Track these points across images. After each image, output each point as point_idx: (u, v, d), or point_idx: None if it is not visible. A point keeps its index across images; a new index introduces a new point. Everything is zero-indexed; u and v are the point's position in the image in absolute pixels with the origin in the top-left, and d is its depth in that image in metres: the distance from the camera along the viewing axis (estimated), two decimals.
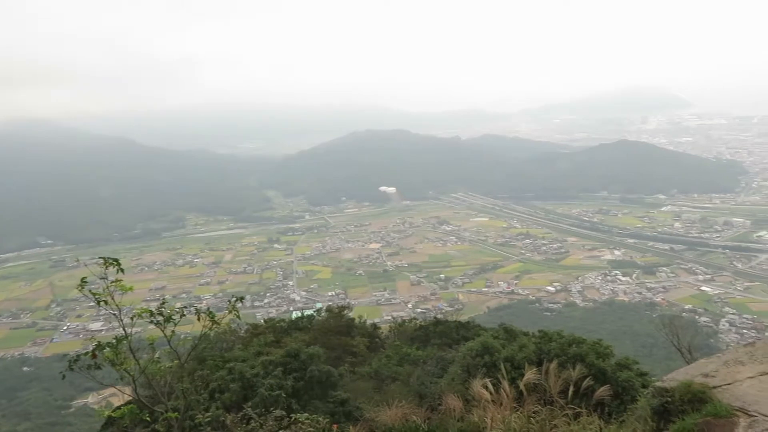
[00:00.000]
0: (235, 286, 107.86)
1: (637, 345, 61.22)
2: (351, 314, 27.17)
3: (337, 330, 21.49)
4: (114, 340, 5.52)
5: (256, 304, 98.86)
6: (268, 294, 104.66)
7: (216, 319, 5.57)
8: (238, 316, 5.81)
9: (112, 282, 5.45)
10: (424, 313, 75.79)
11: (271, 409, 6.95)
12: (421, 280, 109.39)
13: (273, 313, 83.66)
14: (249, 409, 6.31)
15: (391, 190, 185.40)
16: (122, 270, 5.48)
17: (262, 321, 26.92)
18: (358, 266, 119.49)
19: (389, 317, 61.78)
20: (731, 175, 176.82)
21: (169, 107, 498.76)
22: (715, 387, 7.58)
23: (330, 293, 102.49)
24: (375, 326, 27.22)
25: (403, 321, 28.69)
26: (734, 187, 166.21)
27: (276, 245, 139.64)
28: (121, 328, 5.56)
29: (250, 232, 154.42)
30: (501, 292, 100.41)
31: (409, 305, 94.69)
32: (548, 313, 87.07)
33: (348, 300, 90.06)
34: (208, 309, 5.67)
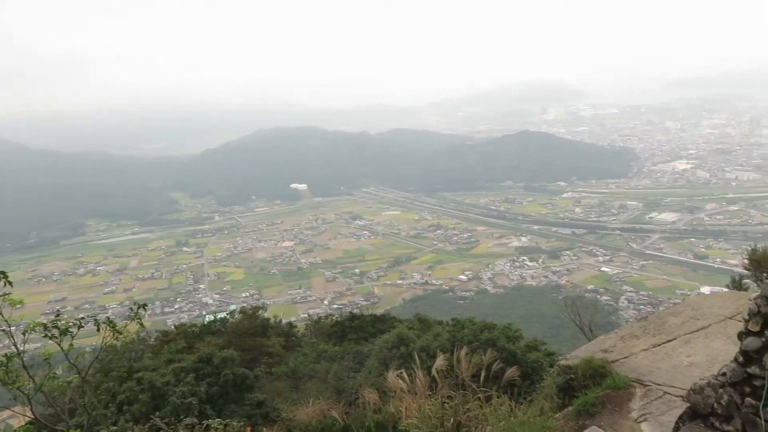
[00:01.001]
0: (143, 292, 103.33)
1: (545, 326, 63.88)
2: (266, 314, 26.79)
3: (252, 331, 21.11)
4: (4, 358, 5.13)
5: (167, 310, 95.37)
6: (178, 299, 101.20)
7: (118, 328, 5.30)
8: (141, 324, 5.55)
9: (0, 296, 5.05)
10: (341, 308, 75.68)
11: (182, 417, 6.72)
12: (337, 275, 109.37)
13: (185, 318, 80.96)
14: (157, 419, 6.06)
15: (303, 187, 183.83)
16: (10, 283, 5.09)
17: (173, 327, 26.02)
18: (271, 265, 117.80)
19: (305, 315, 61.12)
20: (624, 161, 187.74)
21: (62, 108, 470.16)
22: (613, 361, 8.06)
23: (244, 294, 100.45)
24: (291, 325, 26.95)
25: (319, 318, 28.61)
26: (627, 172, 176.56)
27: (185, 248, 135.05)
28: (13, 345, 5.19)
29: (157, 236, 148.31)
30: (415, 284, 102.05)
31: (326, 302, 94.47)
32: (462, 301, 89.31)
33: (263, 300, 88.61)
34: (108, 319, 5.38)
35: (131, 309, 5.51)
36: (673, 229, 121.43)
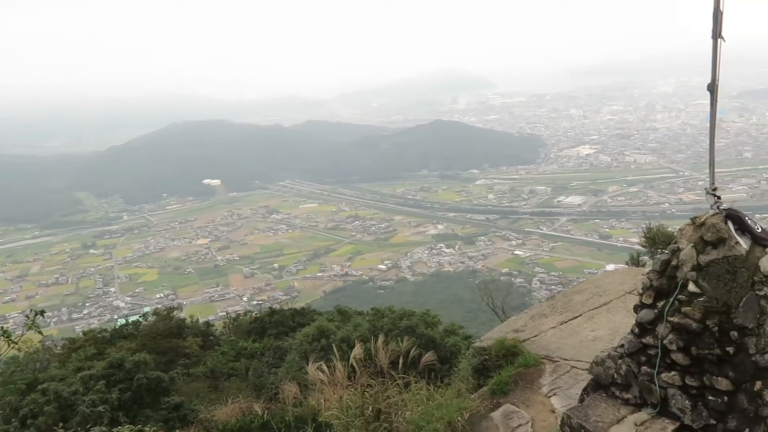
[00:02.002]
0: (48, 299, 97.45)
1: (463, 311, 65.56)
2: (182, 315, 26.02)
3: (167, 333, 20.44)
4: None
5: (75, 316, 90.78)
6: (87, 304, 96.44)
7: (13, 338, 4.98)
8: (40, 332, 5.23)
9: None
10: (260, 304, 74.66)
11: (89, 426, 6.43)
12: (255, 271, 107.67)
13: (95, 324, 77.12)
14: (62, 430, 5.75)
15: (216, 182, 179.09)
16: None
17: (81, 333, 24.82)
18: (186, 264, 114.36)
19: (224, 313, 59.96)
20: (532, 148, 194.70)
21: None
22: (524, 340, 8.40)
23: (158, 295, 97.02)
24: (208, 324, 26.39)
25: (238, 315, 28.13)
26: (536, 158, 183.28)
27: (92, 250, 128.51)
28: None
29: (61, 239, 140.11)
30: (335, 276, 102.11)
31: (244, 298, 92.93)
32: (382, 291, 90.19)
33: (178, 300, 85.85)
34: (2, 328, 5.05)
35: (26, 317, 5.17)
36: (580, 212, 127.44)
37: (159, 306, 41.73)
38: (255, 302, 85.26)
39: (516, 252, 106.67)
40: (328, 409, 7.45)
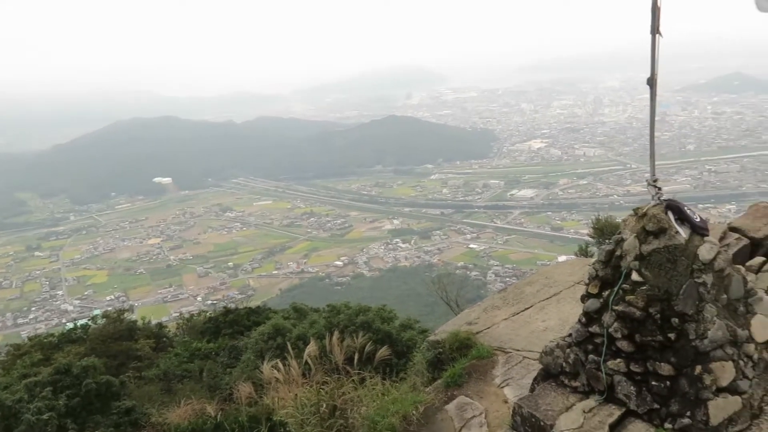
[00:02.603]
0: None
1: (420, 305, 65.94)
2: (134, 316, 25.38)
3: (118, 336, 19.89)
4: None
5: (20, 321, 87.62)
6: (33, 308, 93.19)
7: None
8: None
9: None
10: (215, 304, 73.57)
11: None
12: (209, 270, 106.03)
13: (41, 328, 74.71)
14: None
15: (167, 180, 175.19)
16: None
17: (27, 339, 23.96)
18: (137, 265, 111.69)
19: (177, 314, 58.66)
20: (485, 142, 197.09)
21: None
22: (477, 332, 8.50)
23: (109, 297, 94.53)
24: (161, 325, 25.75)
25: (192, 315, 27.59)
26: (488, 152, 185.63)
27: (37, 253, 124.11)
28: None
29: (3, 242, 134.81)
30: (291, 273, 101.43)
31: (199, 298, 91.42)
32: (339, 287, 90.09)
33: (130, 302, 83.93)
34: None
35: None
36: (532, 204, 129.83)
37: (109, 308, 40.62)
38: (210, 302, 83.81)
39: (471, 245, 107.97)
40: (284, 407, 7.41)
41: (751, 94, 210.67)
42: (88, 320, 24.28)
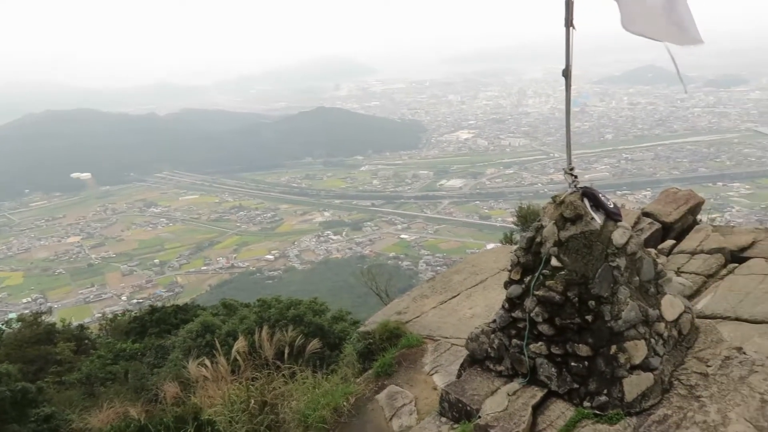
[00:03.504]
0: None
1: (353, 296, 65.86)
2: (52, 319, 24.22)
3: (35, 340, 18.95)
4: None
5: None
6: None
7: None
8: None
9: None
10: (141, 303, 71.22)
11: None
12: (134, 268, 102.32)
13: None
14: None
15: (86, 176, 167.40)
16: None
17: None
18: (56, 265, 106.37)
19: (100, 314, 56.38)
20: (414, 133, 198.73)
21: None
22: (407, 321, 8.61)
23: (25, 300, 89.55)
24: (83, 327, 24.69)
25: (116, 315, 26.61)
26: (417, 143, 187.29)
27: None
28: None
29: None
30: (221, 268, 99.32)
31: (123, 297, 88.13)
32: (270, 281, 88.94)
33: (48, 304, 79.61)
34: None
35: None
36: (461, 194, 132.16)
37: (26, 311, 38.61)
38: (135, 301, 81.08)
39: (402, 236, 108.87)
40: (212, 405, 7.27)
41: (664, 85, 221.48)
42: (2, 324, 23.02)
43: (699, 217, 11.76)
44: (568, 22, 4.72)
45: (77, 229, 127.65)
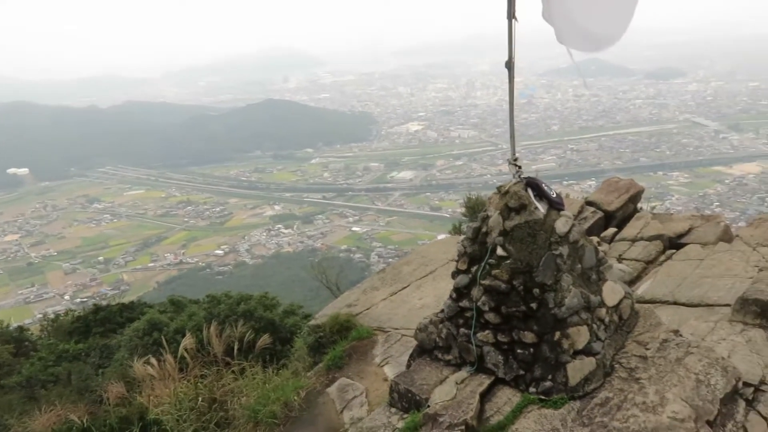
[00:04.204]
0: None
1: (305, 290, 65.43)
2: None
3: None
4: None
5: None
6: None
7: None
8: None
9: None
10: (85, 302, 69.14)
11: None
12: (77, 267, 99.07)
13: None
14: None
15: (23, 171, 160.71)
16: None
17: None
18: None
19: (41, 315, 54.44)
20: (364, 126, 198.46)
21: None
22: (357, 314, 8.63)
23: None
24: (22, 328, 23.76)
25: (58, 315, 25.74)
26: (368, 135, 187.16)
27: None
28: None
29: None
30: (169, 265, 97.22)
31: (66, 297, 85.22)
32: (220, 276, 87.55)
33: None
34: None
35: None
36: (411, 186, 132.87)
37: None
38: (79, 300, 78.52)
39: (354, 228, 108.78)
40: (159, 405, 7.12)
41: (607, 78, 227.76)
42: None
43: (640, 205, 12.17)
44: (511, 15, 4.78)
45: (15, 227, 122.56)
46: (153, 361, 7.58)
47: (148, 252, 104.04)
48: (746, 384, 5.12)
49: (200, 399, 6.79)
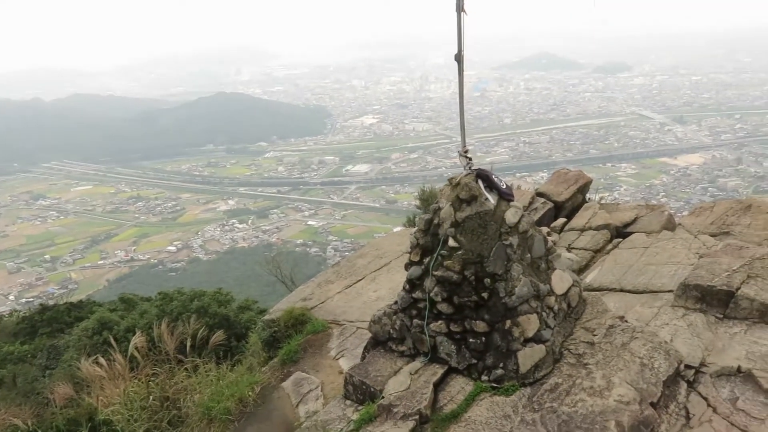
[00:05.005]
0: None
1: (261, 285, 64.67)
2: None
3: None
4: None
5: None
6: None
7: None
8: None
9: None
10: (31, 302, 66.90)
11: None
12: (22, 265, 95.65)
13: None
14: None
15: None
16: None
17: None
18: None
19: None
20: (319, 119, 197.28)
21: None
22: (312, 308, 8.60)
23: None
24: None
25: (1, 316, 24.85)
26: (323, 129, 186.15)
27: None
28: None
29: None
30: (119, 262, 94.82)
31: (11, 297, 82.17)
32: (173, 273, 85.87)
33: None
34: None
35: None
36: (367, 179, 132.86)
37: None
38: (24, 300, 75.81)
39: (309, 222, 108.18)
40: (109, 405, 6.96)
41: (557, 71, 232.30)
42: None
43: (589, 196, 12.46)
44: (459, 8, 4.83)
45: None
46: (102, 360, 7.41)
47: (98, 249, 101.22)
48: (688, 366, 5.33)
49: (152, 398, 6.67)
